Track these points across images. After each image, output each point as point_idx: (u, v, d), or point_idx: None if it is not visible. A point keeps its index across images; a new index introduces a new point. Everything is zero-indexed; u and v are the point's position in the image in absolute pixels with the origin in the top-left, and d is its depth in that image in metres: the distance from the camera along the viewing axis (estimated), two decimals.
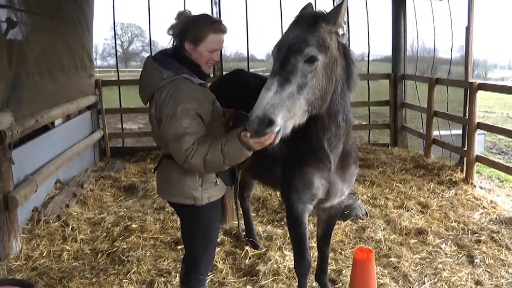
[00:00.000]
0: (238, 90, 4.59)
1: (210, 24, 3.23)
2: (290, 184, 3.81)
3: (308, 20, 3.01)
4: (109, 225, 6.40)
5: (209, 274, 4.68)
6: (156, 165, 3.58)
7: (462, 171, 8.50)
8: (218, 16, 10.87)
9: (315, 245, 4.56)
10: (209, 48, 3.24)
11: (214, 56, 3.31)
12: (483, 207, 7.05)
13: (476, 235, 6.07)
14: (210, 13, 10.26)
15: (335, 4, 11.03)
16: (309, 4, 3.35)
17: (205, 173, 3.25)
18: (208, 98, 3.31)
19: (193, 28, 3.22)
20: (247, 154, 3.04)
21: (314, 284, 4.69)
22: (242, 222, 5.86)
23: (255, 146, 2.92)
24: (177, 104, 3.07)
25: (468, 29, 8.30)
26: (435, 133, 9.71)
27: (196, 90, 3.20)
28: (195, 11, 3.40)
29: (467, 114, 8.34)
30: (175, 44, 3.40)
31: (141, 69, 3.41)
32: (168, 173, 3.40)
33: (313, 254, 4.92)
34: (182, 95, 3.11)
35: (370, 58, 11.97)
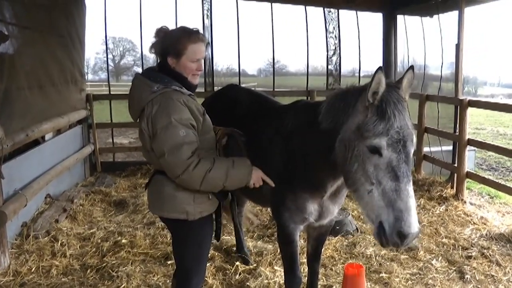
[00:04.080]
0: (231, 105, 4.60)
1: (188, 36, 3.25)
2: (282, 203, 3.80)
3: (405, 104, 2.96)
4: (99, 240, 6.35)
5: None
6: (148, 181, 3.57)
7: (452, 187, 8.52)
8: (210, 31, 10.92)
9: (305, 260, 4.55)
10: (191, 59, 3.27)
11: (198, 66, 3.33)
12: (474, 223, 7.07)
13: (467, 251, 6.08)
14: (201, 28, 10.42)
15: (326, 15, 11.17)
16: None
17: (199, 189, 3.23)
18: (199, 109, 3.33)
19: (172, 43, 3.25)
20: (248, 182, 3.39)
21: None
22: (233, 237, 5.85)
23: (259, 181, 3.45)
24: (170, 115, 3.09)
25: (458, 46, 8.38)
26: (426, 149, 9.74)
27: (187, 101, 3.22)
28: (187, 25, 3.41)
29: (457, 131, 8.39)
30: (159, 60, 3.42)
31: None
32: (161, 189, 3.38)
33: (304, 269, 4.90)
34: (175, 105, 3.13)
35: (361, 74, 12.04)
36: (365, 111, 2.90)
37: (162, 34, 3.33)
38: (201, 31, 3.41)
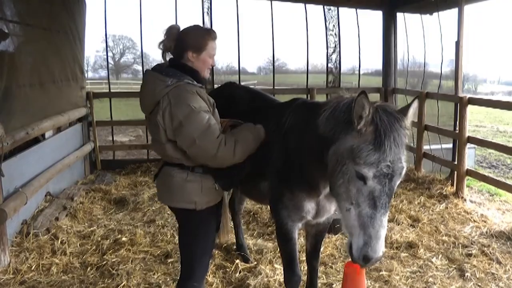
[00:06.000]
0: (230, 102, 4.61)
1: (208, 33, 3.57)
2: (280, 201, 3.83)
3: (404, 137, 2.97)
4: (99, 238, 6.35)
5: None
6: (156, 173, 3.74)
7: (452, 185, 8.52)
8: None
9: (305, 258, 4.56)
10: (210, 54, 3.55)
11: (213, 61, 3.63)
12: (474, 220, 7.07)
13: (467, 249, 6.08)
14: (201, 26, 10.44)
15: (326, 13, 11.16)
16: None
17: (233, 160, 3.45)
18: (210, 100, 3.56)
19: (193, 38, 3.50)
20: (264, 136, 3.67)
21: None
22: (232, 235, 5.86)
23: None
24: (189, 103, 3.30)
25: (458, 44, 8.37)
26: (426, 147, 9.74)
27: (200, 92, 3.44)
28: (187, 23, 3.49)
29: (457, 128, 8.38)
30: (168, 58, 3.64)
31: (132, 81, 3.50)
32: (170, 180, 3.56)
33: (304, 267, 4.91)
34: (191, 95, 3.35)
35: (361, 72, 12.07)
36: (362, 133, 2.90)
37: (175, 31, 3.55)
38: None
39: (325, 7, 11.42)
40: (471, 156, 11.50)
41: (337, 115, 3.11)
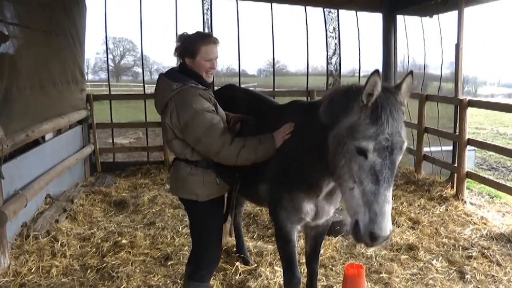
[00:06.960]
0: (229, 104, 4.62)
1: (202, 39, 3.75)
2: (279, 203, 3.84)
3: (401, 111, 2.98)
4: (99, 241, 6.35)
5: None
6: (169, 166, 3.96)
7: (452, 187, 8.51)
8: (210, 31, 10.92)
9: (305, 260, 4.56)
10: (205, 58, 3.74)
11: (211, 64, 3.79)
12: (474, 223, 7.06)
13: (467, 251, 6.08)
14: (201, 28, 10.47)
15: (326, 15, 11.16)
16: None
17: (236, 163, 3.69)
18: (212, 100, 3.79)
19: (189, 45, 3.76)
20: (275, 152, 3.72)
21: None
22: (233, 238, 5.85)
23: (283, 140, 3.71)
24: (192, 105, 3.58)
25: (457, 46, 8.38)
26: (426, 149, 9.74)
27: (203, 93, 3.70)
28: (187, 26, 3.57)
29: (457, 131, 8.38)
30: (180, 62, 3.90)
31: (132, 84, 3.58)
32: (177, 173, 3.89)
33: (304, 270, 4.91)
34: (194, 98, 3.62)
35: (361, 74, 12.06)
36: (360, 111, 2.94)
37: (182, 38, 3.82)
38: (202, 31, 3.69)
39: (325, 9, 11.44)
40: (471, 158, 11.48)
41: (336, 98, 3.20)
